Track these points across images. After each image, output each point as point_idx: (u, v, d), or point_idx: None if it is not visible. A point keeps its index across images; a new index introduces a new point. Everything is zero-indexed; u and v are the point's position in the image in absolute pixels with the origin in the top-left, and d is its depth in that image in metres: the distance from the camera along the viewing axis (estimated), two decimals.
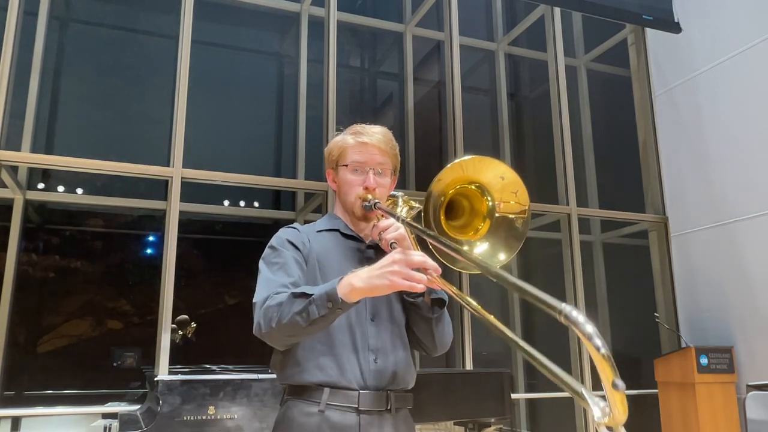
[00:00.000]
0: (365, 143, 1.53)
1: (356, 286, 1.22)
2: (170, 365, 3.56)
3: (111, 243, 5.52)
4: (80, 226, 5.43)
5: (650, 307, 5.02)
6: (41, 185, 5.02)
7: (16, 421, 4.36)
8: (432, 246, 1.26)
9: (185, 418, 2.96)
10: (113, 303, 5.31)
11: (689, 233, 4.86)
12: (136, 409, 3.18)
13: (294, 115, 5.27)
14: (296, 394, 1.42)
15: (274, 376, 1.64)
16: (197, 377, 3.10)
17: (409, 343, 1.53)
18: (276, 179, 4.99)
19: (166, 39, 5.08)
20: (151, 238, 5.62)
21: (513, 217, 1.38)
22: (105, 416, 3.29)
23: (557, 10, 5.34)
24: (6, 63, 3.63)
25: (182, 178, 3.85)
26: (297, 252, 1.48)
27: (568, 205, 4.92)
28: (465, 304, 1.15)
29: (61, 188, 5.04)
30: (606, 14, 4.89)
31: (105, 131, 5.09)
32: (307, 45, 5.34)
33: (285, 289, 1.34)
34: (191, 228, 5.47)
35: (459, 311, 4.26)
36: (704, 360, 4.13)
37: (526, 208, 1.38)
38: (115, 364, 4.77)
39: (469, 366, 4.28)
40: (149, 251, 5.64)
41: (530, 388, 5.18)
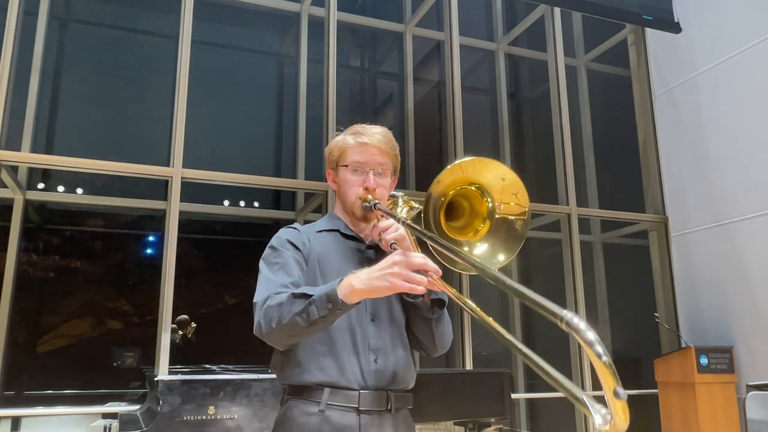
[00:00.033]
0: (365, 143, 1.54)
1: (356, 288, 1.22)
2: (170, 365, 3.56)
3: (111, 243, 5.52)
4: (80, 226, 5.43)
5: (650, 307, 5.02)
6: (41, 185, 5.02)
7: (16, 421, 4.36)
8: (432, 247, 1.26)
9: (185, 418, 2.96)
10: (113, 303, 5.30)
11: (689, 233, 4.86)
12: (136, 409, 3.18)
13: (294, 115, 5.26)
14: (296, 394, 1.42)
15: (274, 376, 1.64)
16: (197, 377, 3.10)
17: (409, 344, 1.53)
18: (276, 179, 4.99)
19: (166, 39, 5.08)
20: (151, 238, 5.61)
21: (513, 219, 1.37)
22: (105, 416, 3.29)
23: (557, 10, 5.34)
24: (6, 63, 3.64)
25: (182, 178, 3.85)
26: (297, 252, 1.48)
27: (568, 205, 4.92)
28: (465, 307, 1.15)
29: (61, 188, 5.04)
30: (606, 14, 4.89)
31: (105, 131, 5.09)
32: (307, 45, 5.34)
33: (285, 289, 1.34)
34: (191, 228, 5.47)
35: (459, 311, 4.26)
36: (704, 360, 4.13)
37: (526, 210, 1.38)
38: (115, 364, 4.77)
39: (469, 366, 4.28)
40: (149, 251, 5.64)
41: (530, 388, 5.18)
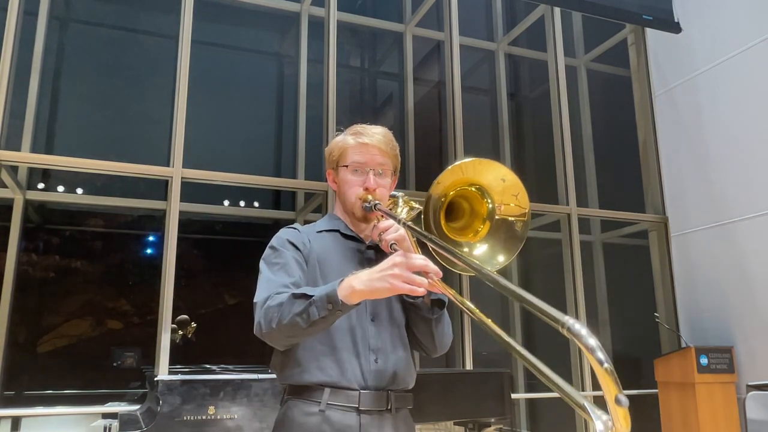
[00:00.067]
0: (366, 144, 1.54)
1: (357, 289, 1.22)
2: (170, 365, 3.56)
3: (111, 243, 5.51)
4: (80, 226, 5.43)
5: (650, 307, 5.02)
6: (41, 185, 5.01)
7: (16, 421, 4.36)
8: (431, 248, 1.26)
9: (185, 418, 2.96)
10: (113, 303, 5.30)
11: (689, 233, 4.86)
12: (136, 409, 3.18)
13: (294, 115, 5.26)
14: (297, 394, 1.42)
15: (274, 376, 1.64)
16: (197, 377, 3.10)
17: (409, 344, 1.53)
18: (276, 179, 4.99)
19: (166, 39, 5.08)
20: (151, 238, 5.61)
21: (513, 220, 1.37)
22: (105, 416, 3.28)
23: (557, 10, 5.34)
24: (6, 63, 3.63)
25: (182, 178, 3.85)
26: (297, 252, 1.48)
27: (568, 205, 4.92)
28: (465, 309, 1.15)
29: (61, 188, 5.04)
30: (606, 14, 4.89)
31: (105, 131, 5.09)
32: (307, 45, 5.34)
33: (286, 290, 1.34)
34: (191, 228, 5.47)
35: (459, 312, 4.26)
36: (704, 360, 4.13)
37: (527, 211, 1.38)
38: (115, 364, 4.77)
39: (469, 366, 4.28)
40: (149, 251, 5.64)
41: (530, 388, 5.17)
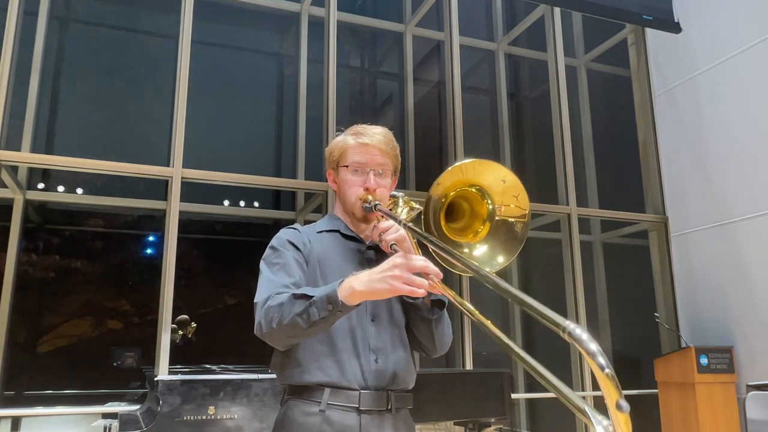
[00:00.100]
0: (366, 144, 1.54)
1: (357, 290, 1.23)
2: (170, 365, 3.56)
3: (111, 243, 5.51)
4: (80, 226, 5.43)
5: (650, 307, 5.02)
6: (41, 185, 5.01)
7: (16, 421, 4.36)
8: (431, 249, 1.26)
9: (185, 418, 2.96)
10: (113, 303, 5.30)
11: (689, 233, 4.86)
12: (136, 409, 3.18)
13: (294, 115, 5.26)
14: (297, 394, 1.42)
15: (274, 376, 1.64)
16: (197, 377, 3.10)
17: (409, 344, 1.53)
18: (276, 179, 4.99)
19: (166, 39, 5.08)
20: (151, 238, 5.61)
21: (513, 221, 1.37)
22: (105, 416, 3.28)
23: (557, 10, 5.33)
24: (6, 63, 3.63)
25: (182, 178, 3.85)
26: (298, 252, 1.48)
27: (568, 205, 4.92)
28: (465, 310, 1.15)
29: (61, 188, 5.04)
30: (606, 14, 4.89)
31: (105, 131, 5.09)
32: (307, 45, 5.34)
33: (286, 290, 1.34)
34: (191, 228, 5.46)
35: (459, 312, 4.25)
36: (704, 360, 4.13)
37: (527, 212, 1.37)
38: (115, 364, 4.77)
39: (469, 366, 4.28)
40: (149, 251, 5.64)
41: (530, 388, 5.17)
